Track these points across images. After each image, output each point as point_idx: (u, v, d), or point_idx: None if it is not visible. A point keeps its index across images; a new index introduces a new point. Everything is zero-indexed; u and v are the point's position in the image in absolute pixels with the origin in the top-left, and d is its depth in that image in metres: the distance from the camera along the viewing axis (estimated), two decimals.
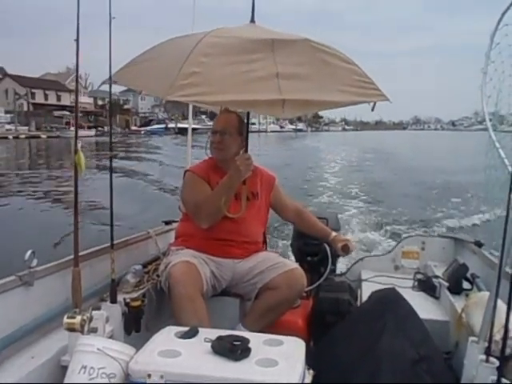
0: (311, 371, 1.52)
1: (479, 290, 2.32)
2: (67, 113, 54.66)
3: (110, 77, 2.04)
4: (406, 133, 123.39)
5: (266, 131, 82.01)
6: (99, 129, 53.53)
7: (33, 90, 57.55)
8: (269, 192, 2.57)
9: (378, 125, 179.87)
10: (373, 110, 2.13)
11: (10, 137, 38.54)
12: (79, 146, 1.66)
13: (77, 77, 1.67)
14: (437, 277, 2.72)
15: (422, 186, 13.93)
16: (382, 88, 2.13)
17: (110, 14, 1.90)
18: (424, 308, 2.26)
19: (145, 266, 2.51)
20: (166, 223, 3.10)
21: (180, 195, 2.50)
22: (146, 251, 2.71)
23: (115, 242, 2.08)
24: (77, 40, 1.70)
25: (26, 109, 54.07)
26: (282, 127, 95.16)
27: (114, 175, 2.01)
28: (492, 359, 1.47)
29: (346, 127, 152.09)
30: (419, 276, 2.84)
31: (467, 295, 2.32)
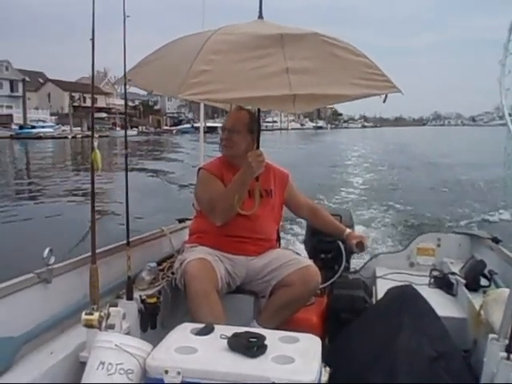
0: (328, 368, 1.51)
1: (497, 286, 2.28)
2: (104, 114, 57.55)
3: (125, 75, 2.06)
4: (425, 129, 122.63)
5: (287, 129, 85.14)
6: (133, 128, 57.40)
7: (72, 94, 60.21)
8: (282, 189, 2.56)
9: (398, 121, 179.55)
10: (384, 101, 2.12)
11: (69, 137, 42.05)
12: (96, 144, 1.68)
13: (92, 75, 1.68)
14: (453, 274, 2.68)
15: (438, 182, 13.81)
16: (402, 84, 2.11)
17: (124, 12, 1.92)
18: (441, 305, 2.23)
19: (159, 263, 2.52)
20: (180, 221, 3.12)
21: (194, 193, 2.52)
22: (160, 249, 2.73)
23: (131, 239, 2.10)
24: (92, 39, 1.70)
25: (66, 111, 56.84)
26: (302, 125, 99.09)
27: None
28: None
29: (366, 124, 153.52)
30: (435, 273, 2.81)
31: (485, 292, 2.28)
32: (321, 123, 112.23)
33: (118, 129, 52.04)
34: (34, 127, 45.52)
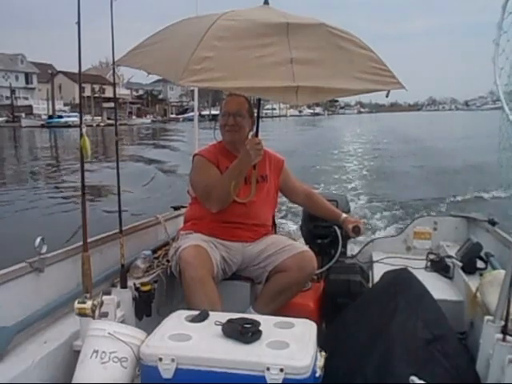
0: (323, 353, 1.50)
1: (494, 268, 2.28)
2: (112, 104, 58.90)
3: (114, 61, 2.02)
4: (420, 114, 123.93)
5: (285, 116, 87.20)
6: (147, 116, 64.96)
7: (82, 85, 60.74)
8: (277, 175, 2.54)
9: (394, 107, 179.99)
10: (387, 96, 2.10)
11: (94, 124, 45.23)
12: (84, 130, 1.64)
13: (79, 59, 1.64)
14: (450, 257, 2.68)
15: (431, 166, 13.89)
16: (397, 70, 2.09)
17: None
18: (437, 288, 2.23)
19: (154, 251, 2.52)
20: (175, 209, 3.10)
21: (189, 179, 2.49)
22: (155, 237, 2.71)
23: (124, 227, 2.08)
24: (78, 23, 1.66)
25: (77, 101, 59.03)
26: (300, 111, 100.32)
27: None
28: (509, 338, 1.45)
29: (362, 110, 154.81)
30: (432, 256, 2.80)
31: (481, 274, 2.28)
32: (318, 110, 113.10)
33: (133, 117, 61.20)
34: (60, 117, 49.89)
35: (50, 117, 51.88)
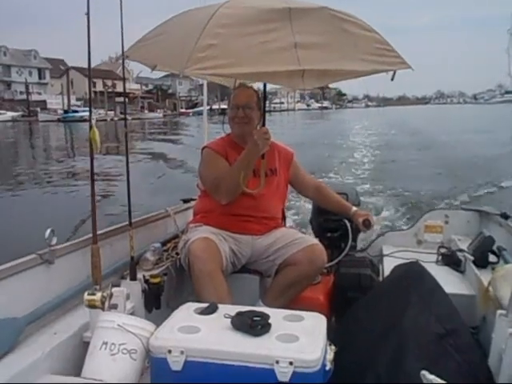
0: (333, 347, 1.49)
1: (506, 262, 2.24)
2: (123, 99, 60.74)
3: (123, 52, 2.01)
4: (427, 107, 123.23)
5: (294, 109, 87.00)
6: (158, 111, 65.78)
7: (94, 80, 62.81)
8: (287, 168, 2.53)
9: (401, 100, 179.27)
10: (392, 79, 2.08)
11: (108, 119, 47.00)
12: (93, 122, 1.64)
13: (89, 50, 1.63)
14: (461, 250, 2.64)
15: (441, 160, 13.78)
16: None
17: None
18: (449, 282, 2.20)
19: (164, 244, 2.52)
20: (185, 201, 3.10)
21: (198, 172, 2.48)
22: (165, 229, 2.72)
23: (134, 220, 2.08)
24: (87, 14, 1.65)
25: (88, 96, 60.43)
26: (308, 105, 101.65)
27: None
28: None
29: (369, 103, 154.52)
30: (443, 250, 2.77)
31: (493, 268, 2.24)
32: (326, 103, 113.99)
33: (146, 111, 62.79)
34: (75, 111, 51.00)
35: (66, 111, 52.95)
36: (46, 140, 29.95)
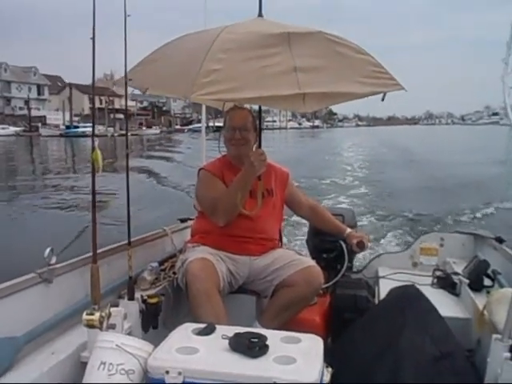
0: (330, 369, 1.50)
1: (501, 286, 2.27)
2: (121, 115, 60.98)
3: (126, 75, 2.05)
4: (416, 128, 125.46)
5: (286, 128, 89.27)
6: (155, 127, 68.59)
7: (90, 96, 65.34)
8: (283, 188, 2.55)
9: (391, 120, 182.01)
10: (383, 99, 2.13)
11: (109, 135, 46.90)
12: (96, 143, 1.67)
13: (93, 73, 1.67)
14: (457, 274, 2.66)
15: (434, 181, 13.87)
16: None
17: (125, 11, 1.90)
18: (444, 305, 2.21)
19: (161, 263, 2.52)
20: (182, 221, 3.11)
21: (195, 194, 2.51)
22: (162, 249, 2.72)
23: (132, 239, 2.09)
24: (93, 38, 1.69)
25: (86, 112, 63.52)
26: (300, 124, 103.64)
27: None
28: None
29: (359, 123, 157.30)
30: (438, 273, 2.79)
31: (488, 292, 2.26)
32: (317, 122, 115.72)
33: (144, 128, 65.24)
34: (77, 127, 52.79)
35: (68, 127, 55.19)
36: (50, 155, 30.70)
